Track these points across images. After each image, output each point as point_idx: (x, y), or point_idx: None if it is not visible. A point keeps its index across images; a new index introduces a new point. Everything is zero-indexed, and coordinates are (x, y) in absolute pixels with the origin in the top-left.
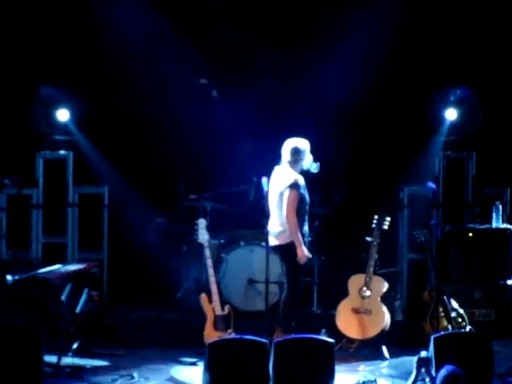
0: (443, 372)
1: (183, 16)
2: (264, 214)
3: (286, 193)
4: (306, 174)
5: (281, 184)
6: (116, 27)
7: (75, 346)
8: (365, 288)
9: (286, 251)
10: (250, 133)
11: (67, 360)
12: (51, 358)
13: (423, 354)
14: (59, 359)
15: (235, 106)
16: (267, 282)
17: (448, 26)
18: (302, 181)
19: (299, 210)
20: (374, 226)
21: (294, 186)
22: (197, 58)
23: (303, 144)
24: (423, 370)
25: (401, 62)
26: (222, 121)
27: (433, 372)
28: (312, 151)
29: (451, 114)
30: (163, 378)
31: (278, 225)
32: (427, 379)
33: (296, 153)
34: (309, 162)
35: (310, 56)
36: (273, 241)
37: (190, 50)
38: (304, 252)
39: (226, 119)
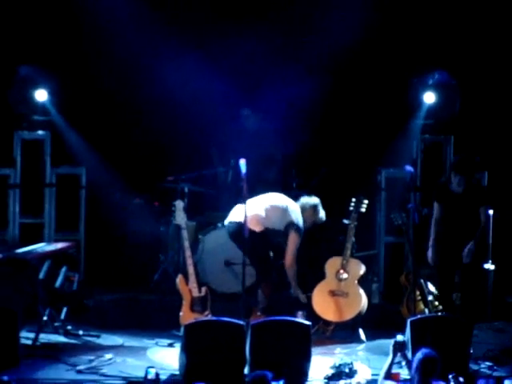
0: (419, 355)
1: None
2: (241, 196)
3: (292, 232)
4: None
5: (292, 204)
6: (95, 8)
7: (52, 326)
8: (342, 271)
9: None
10: (228, 112)
11: (44, 340)
12: (28, 339)
13: (399, 337)
14: (36, 339)
15: (213, 86)
16: (244, 264)
17: (427, 10)
18: None
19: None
20: (351, 208)
21: (300, 230)
22: (175, 36)
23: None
24: (399, 354)
25: (380, 45)
26: (201, 103)
27: (409, 355)
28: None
29: (429, 98)
30: (140, 359)
31: (258, 212)
32: (403, 362)
33: (315, 212)
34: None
35: (286, 41)
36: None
37: (168, 28)
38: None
39: (205, 101)
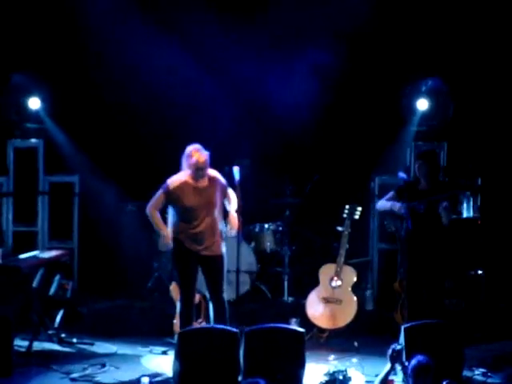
0: (413, 362)
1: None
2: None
3: None
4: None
5: None
6: (88, 15)
7: (46, 334)
8: (335, 278)
9: None
10: (220, 121)
11: (37, 348)
12: (21, 347)
13: (398, 346)
14: (30, 347)
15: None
16: (238, 271)
17: (420, 17)
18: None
19: None
20: (345, 215)
21: None
22: (169, 43)
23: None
24: (397, 362)
25: (373, 52)
26: (193, 109)
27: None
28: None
29: (422, 105)
30: (133, 366)
31: None
32: (399, 368)
33: None
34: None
35: (276, 43)
36: None
37: (163, 35)
38: None
39: (197, 108)
